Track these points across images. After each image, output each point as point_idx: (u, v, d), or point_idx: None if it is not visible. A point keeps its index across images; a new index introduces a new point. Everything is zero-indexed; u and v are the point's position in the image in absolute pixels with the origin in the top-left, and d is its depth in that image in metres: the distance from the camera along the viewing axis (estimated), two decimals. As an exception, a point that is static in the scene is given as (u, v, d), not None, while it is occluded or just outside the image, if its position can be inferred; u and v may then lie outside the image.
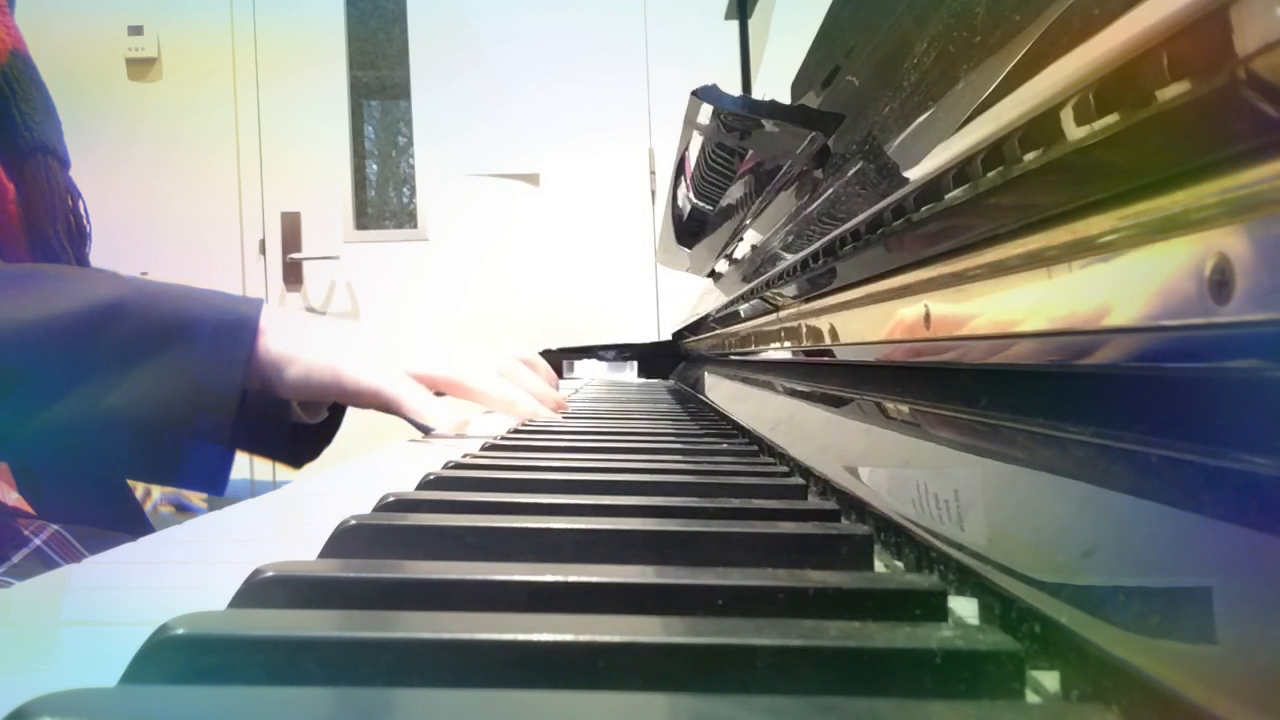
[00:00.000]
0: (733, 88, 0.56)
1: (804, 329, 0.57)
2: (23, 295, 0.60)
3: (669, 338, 1.86)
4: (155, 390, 0.60)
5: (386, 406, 0.69)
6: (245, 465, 2.96)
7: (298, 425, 0.77)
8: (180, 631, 0.18)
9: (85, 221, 0.83)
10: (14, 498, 0.70)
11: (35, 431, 0.59)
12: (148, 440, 0.61)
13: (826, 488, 0.42)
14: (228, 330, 0.64)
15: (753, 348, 0.82)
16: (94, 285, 0.63)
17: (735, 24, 1.26)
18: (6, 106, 0.77)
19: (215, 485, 0.64)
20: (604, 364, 1.81)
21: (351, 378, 0.68)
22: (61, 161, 0.81)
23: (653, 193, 2.95)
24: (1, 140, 0.76)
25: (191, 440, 0.61)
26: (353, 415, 0.81)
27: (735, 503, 0.34)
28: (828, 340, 0.51)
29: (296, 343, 0.67)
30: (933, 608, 0.22)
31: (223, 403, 0.62)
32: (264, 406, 0.72)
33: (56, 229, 0.78)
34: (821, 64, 0.59)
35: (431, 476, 0.40)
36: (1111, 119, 0.18)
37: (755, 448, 0.57)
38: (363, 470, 0.56)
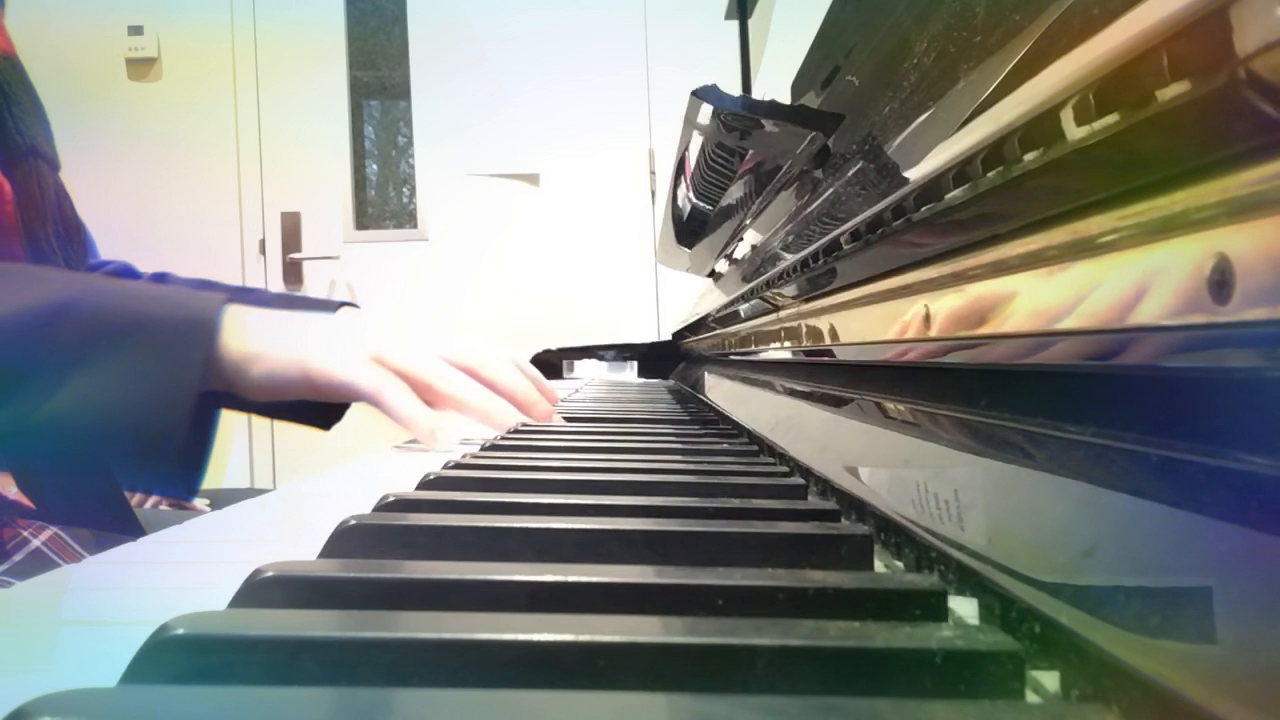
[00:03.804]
0: (733, 88, 0.56)
1: (804, 329, 0.57)
2: None
3: (669, 338, 1.86)
4: (104, 393, 0.58)
5: (362, 401, 0.66)
6: (245, 467, 2.96)
7: None
8: (180, 631, 0.18)
9: (77, 222, 0.83)
10: (14, 492, 0.70)
11: None
12: (98, 444, 0.59)
13: (826, 488, 0.42)
14: (183, 330, 0.60)
15: (753, 348, 0.82)
16: (43, 286, 0.60)
17: (735, 24, 1.26)
18: (1, 110, 0.77)
19: (179, 489, 0.61)
20: (604, 364, 1.81)
21: (321, 372, 0.64)
22: (51, 165, 0.81)
23: (653, 193, 2.95)
24: None
25: (147, 444, 0.58)
26: (354, 415, 0.80)
27: (735, 503, 0.34)
28: (827, 340, 0.51)
29: (263, 339, 0.63)
30: (933, 608, 0.22)
31: (176, 406, 0.58)
32: None
33: (48, 231, 0.79)
34: (821, 64, 0.59)
35: (431, 476, 0.40)
36: (1111, 119, 0.18)
37: (755, 448, 0.57)
38: (363, 470, 0.56)
